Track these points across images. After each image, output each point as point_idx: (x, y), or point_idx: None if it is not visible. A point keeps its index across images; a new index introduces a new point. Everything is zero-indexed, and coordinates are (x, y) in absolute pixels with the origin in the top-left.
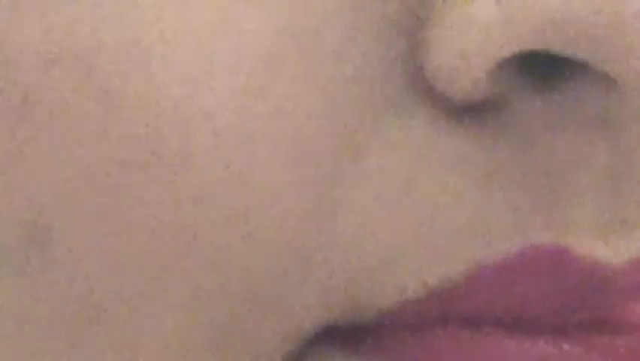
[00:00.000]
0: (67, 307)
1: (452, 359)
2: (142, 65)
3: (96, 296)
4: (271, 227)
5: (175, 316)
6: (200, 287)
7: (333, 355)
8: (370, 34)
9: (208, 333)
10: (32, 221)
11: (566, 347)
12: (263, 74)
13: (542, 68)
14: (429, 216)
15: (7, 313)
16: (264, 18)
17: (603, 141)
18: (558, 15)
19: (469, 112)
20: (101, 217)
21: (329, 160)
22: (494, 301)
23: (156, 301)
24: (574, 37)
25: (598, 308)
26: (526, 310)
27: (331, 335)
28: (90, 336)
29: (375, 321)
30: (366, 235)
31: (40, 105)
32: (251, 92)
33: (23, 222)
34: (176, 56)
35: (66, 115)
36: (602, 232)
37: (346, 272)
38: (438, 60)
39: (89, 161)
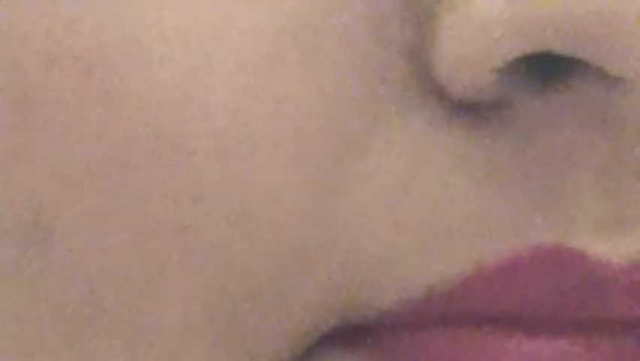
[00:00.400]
0: (67, 307)
1: (452, 359)
2: (142, 65)
3: (96, 296)
4: (271, 227)
5: (175, 315)
6: (200, 287)
7: (333, 355)
8: (371, 34)
9: (208, 333)
10: (32, 221)
11: (566, 347)
12: (263, 74)
13: (543, 68)
14: (429, 216)
15: (7, 313)
16: (263, 18)
17: (603, 141)
18: (558, 15)
19: (470, 111)
20: (101, 217)
21: (329, 160)
22: (494, 301)
23: (156, 301)
24: (574, 37)
25: (598, 308)
26: (526, 310)
27: (331, 335)
28: (90, 336)
29: (375, 321)
30: (366, 235)
31: (40, 105)
32: (251, 92)
33: (23, 222)
34: (176, 55)
35: (66, 115)
36: (602, 231)
37: (346, 272)
38: (438, 60)
39: (89, 161)
